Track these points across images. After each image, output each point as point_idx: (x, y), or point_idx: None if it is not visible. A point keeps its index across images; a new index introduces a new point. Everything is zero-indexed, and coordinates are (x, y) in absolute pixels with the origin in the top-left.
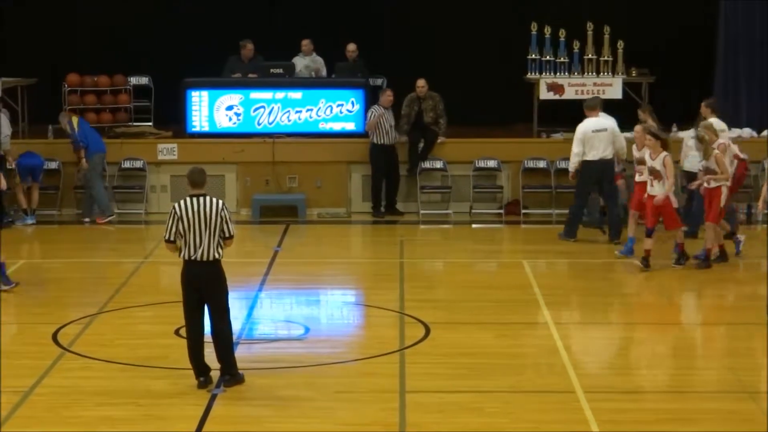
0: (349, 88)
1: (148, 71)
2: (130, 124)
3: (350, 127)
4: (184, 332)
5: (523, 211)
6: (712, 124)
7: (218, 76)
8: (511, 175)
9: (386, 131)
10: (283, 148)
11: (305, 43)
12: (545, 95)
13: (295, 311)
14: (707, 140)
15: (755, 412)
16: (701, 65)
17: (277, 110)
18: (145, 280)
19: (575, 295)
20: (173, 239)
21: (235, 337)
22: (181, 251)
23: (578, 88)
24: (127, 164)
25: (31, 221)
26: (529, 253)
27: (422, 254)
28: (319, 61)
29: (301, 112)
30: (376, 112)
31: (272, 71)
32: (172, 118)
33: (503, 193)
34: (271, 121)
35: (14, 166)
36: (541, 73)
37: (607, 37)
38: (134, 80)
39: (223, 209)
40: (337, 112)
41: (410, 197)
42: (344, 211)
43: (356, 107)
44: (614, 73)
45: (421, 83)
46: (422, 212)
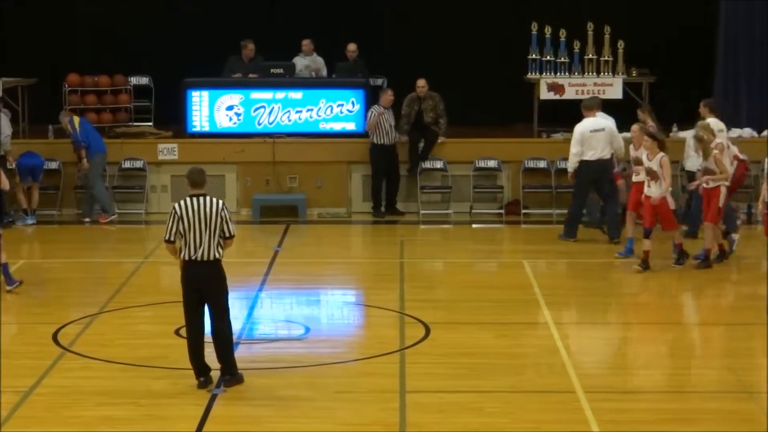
0: (349, 88)
1: (148, 71)
2: (130, 124)
3: (350, 127)
4: (184, 332)
5: (523, 211)
6: (708, 124)
7: (218, 76)
8: (511, 175)
9: (386, 131)
10: (283, 148)
11: (306, 43)
12: (546, 95)
13: (295, 311)
14: (706, 140)
15: (755, 412)
16: (701, 65)
17: (277, 110)
18: (145, 280)
19: (575, 295)
20: (173, 239)
21: (235, 337)
22: (181, 251)
23: (579, 88)
24: (127, 164)
25: (31, 221)
26: (529, 253)
27: (422, 254)
28: (319, 61)
29: (301, 112)
30: (376, 111)
31: (273, 71)
32: (172, 118)
33: (503, 193)
34: (271, 121)
35: (14, 166)
36: (541, 73)
37: (607, 37)
38: (134, 80)
39: (223, 209)
40: (337, 112)
41: (410, 197)
42: (344, 211)
43: (356, 107)
44: (614, 73)
45: (421, 83)
46: (422, 212)
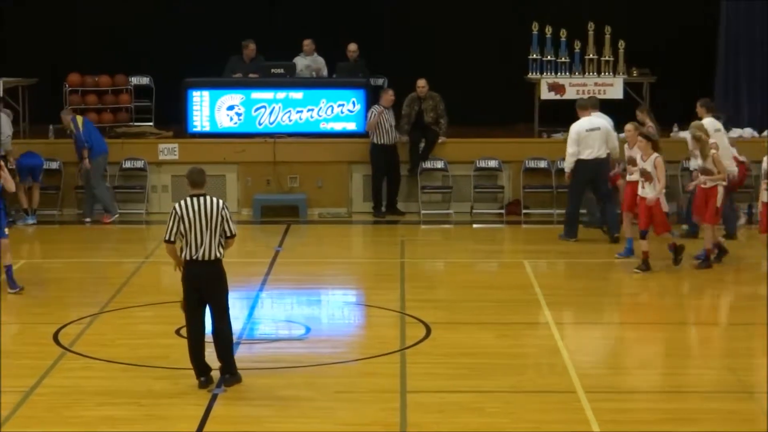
0: (350, 88)
1: (148, 71)
2: (131, 124)
3: (351, 127)
4: (184, 332)
5: (524, 211)
6: (702, 124)
7: (218, 76)
8: (512, 175)
9: (386, 131)
10: (284, 148)
11: (307, 43)
12: (546, 95)
13: (296, 311)
14: (704, 140)
15: (755, 412)
16: (702, 65)
17: (278, 110)
18: (146, 280)
19: (576, 295)
20: (173, 240)
21: (235, 337)
22: (182, 252)
23: (579, 88)
24: (128, 164)
25: (31, 221)
26: (530, 253)
27: (423, 254)
28: (320, 61)
29: (302, 112)
30: (376, 111)
31: (273, 71)
32: (173, 118)
33: (504, 193)
34: (272, 121)
35: (14, 166)
36: (542, 73)
37: (608, 37)
38: (135, 80)
39: (223, 208)
40: (338, 112)
41: (411, 197)
42: (345, 211)
43: (357, 107)
44: (615, 73)
45: (421, 83)
46: (423, 212)
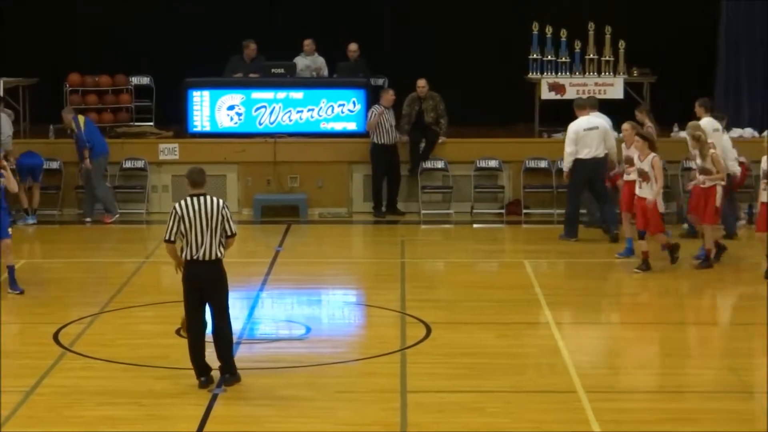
0: (350, 88)
1: (148, 71)
2: (131, 123)
3: (351, 127)
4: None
5: (524, 211)
6: (698, 124)
7: (218, 76)
8: (512, 175)
9: (387, 131)
10: (284, 148)
11: (307, 42)
12: (547, 95)
13: (296, 311)
14: (703, 140)
15: (755, 412)
16: (702, 65)
17: (278, 110)
18: (146, 279)
19: (576, 295)
20: (173, 239)
21: (236, 337)
22: (182, 251)
23: (580, 87)
24: (128, 164)
25: (32, 221)
26: (530, 253)
27: (423, 254)
28: (320, 61)
29: (302, 111)
30: (376, 111)
31: (274, 71)
32: (173, 118)
33: (504, 193)
34: (272, 120)
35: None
36: (542, 72)
37: (608, 37)
38: (135, 80)
39: (224, 208)
40: (338, 112)
41: (411, 197)
42: (345, 211)
43: (357, 107)
44: (616, 73)
45: (421, 83)
46: (423, 212)
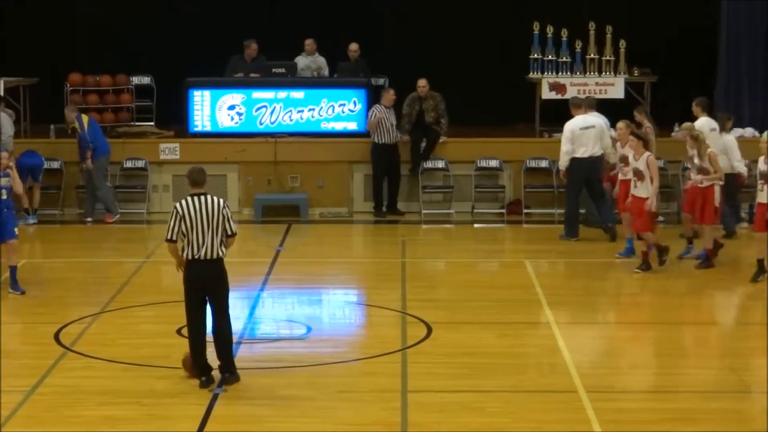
0: (351, 87)
1: (148, 71)
2: (132, 123)
3: (352, 126)
4: (185, 332)
5: (524, 210)
6: (693, 125)
7: (219, 75)
8: (512, 174)
9: (387, 130)
10: (285, 147)
11: (308, 42)
12: (547, 95)
13: (296, 311)
14: (702, 139)
15: (755, 412)
16: (703, 65)
17: (279, 110)
18: (147, 279)
19: (577, 294)
20: (175, 239)
21: (236, 336)
22: (183, 251)
23: (580, 87)
24: (129, 164)
25: (32, 221)
26: (530, 252)
27: (424, 254)
28: (321, 60)
29: (303, 111)
30: (376, 111)
31: (274, 71)
32: (174, 117)
33: (505, 192)
34: (273, 120)
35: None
36: (543, 72)
37: (609, 36)
38: (136, 80)
39: (224, 207)
40: (339, 111)
41: (412, 197)
42: (346, 210)
43: (358, 107)
44: (616, 72)
45: (422, 83)
46: (424, 212)
